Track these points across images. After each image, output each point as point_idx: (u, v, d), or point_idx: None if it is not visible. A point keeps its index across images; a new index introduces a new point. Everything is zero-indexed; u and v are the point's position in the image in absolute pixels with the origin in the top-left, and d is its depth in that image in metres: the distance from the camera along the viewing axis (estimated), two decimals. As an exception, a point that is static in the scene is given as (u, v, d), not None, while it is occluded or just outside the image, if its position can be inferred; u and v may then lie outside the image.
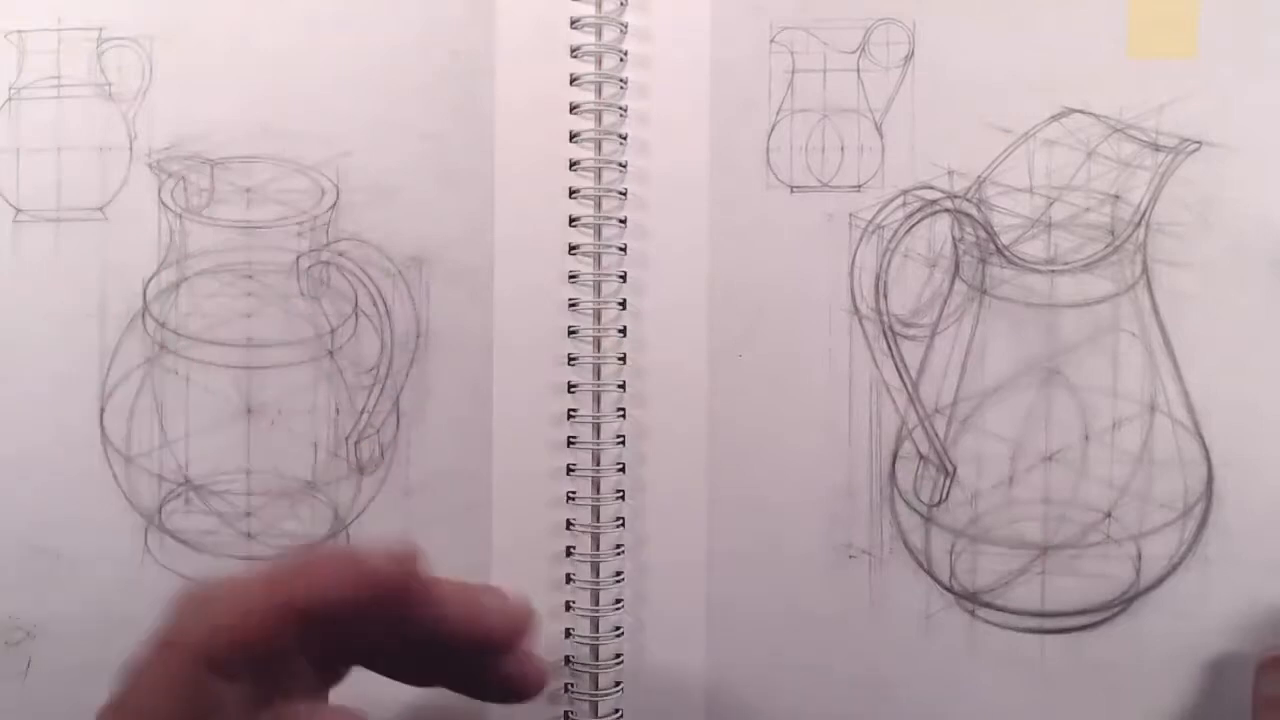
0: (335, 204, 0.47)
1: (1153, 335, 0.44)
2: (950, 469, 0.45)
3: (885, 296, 0.45)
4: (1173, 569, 0.44)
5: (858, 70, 0.46)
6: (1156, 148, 0.44)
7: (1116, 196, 0.44)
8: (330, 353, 0.47)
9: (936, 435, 0.45)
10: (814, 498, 0.45)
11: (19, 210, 0.48)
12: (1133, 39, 0.44)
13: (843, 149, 0.46)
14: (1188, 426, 0.44)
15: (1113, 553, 0.44)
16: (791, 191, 0.46)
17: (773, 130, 0.46)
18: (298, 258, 0.47)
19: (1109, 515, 0.44)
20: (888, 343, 0.45)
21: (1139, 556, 0.44)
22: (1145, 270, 0.44)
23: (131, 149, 0.48)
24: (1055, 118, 0.45)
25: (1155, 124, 0.44)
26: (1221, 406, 0.44)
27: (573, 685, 0.46)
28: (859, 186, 0.45)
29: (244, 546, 0.47)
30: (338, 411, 0.47)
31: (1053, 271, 0.45)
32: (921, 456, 0.45)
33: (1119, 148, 0.44)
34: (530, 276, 0.46)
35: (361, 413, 0.47)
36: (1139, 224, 0.44)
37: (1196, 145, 0.44)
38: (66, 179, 0.48)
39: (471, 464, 0.47)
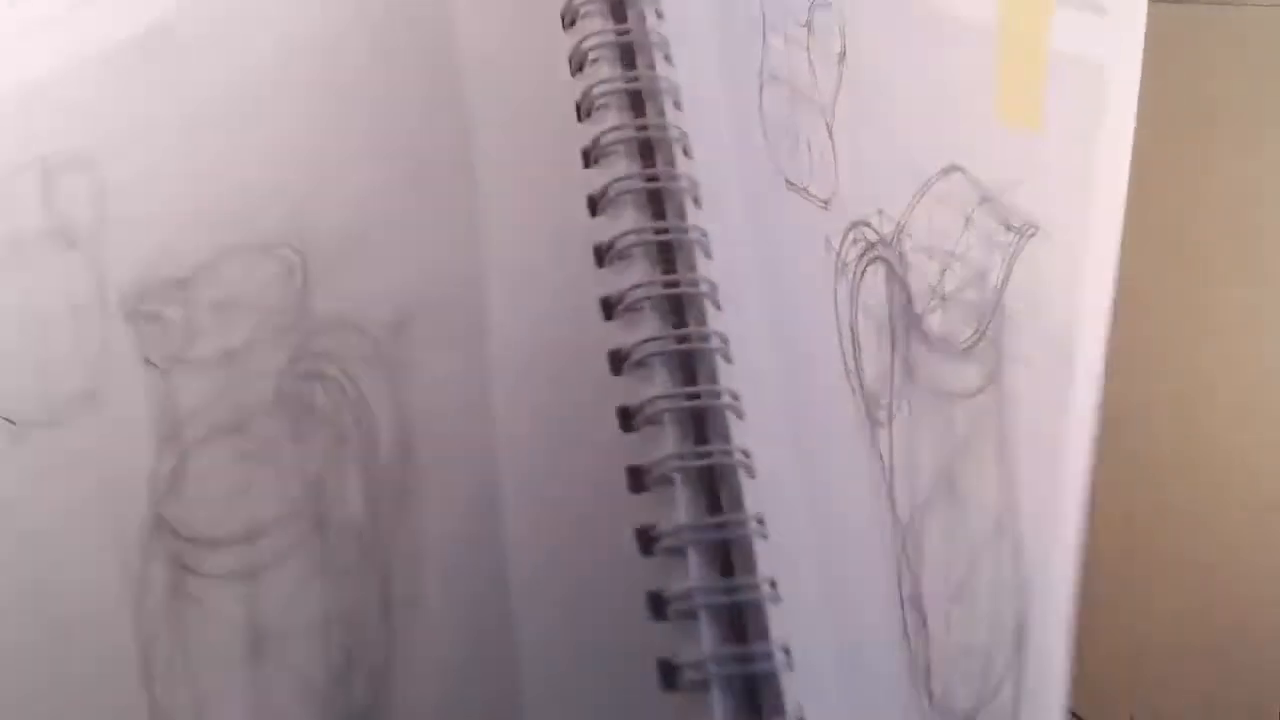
0: (305, 280, 0.42)
1: (996, 442, 0.40)
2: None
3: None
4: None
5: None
6: (1008, 227, 0.39)
7: (982, 276, 0.40)
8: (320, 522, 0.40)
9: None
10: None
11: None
12: (998, 100, 0.39)
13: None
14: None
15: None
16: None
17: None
18: (278, 383, 0.41)
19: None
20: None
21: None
22: (998, 363, 0.39)
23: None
24: (945, 172, 0.41)
25: (1011, 199, 0.39)
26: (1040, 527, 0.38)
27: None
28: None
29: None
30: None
31: (946, 354, 0.41)
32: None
33: (986, 220, 0.41)
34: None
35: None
36: (994, 311, 0.40)
37: (1034, 230, 0.38)
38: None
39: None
